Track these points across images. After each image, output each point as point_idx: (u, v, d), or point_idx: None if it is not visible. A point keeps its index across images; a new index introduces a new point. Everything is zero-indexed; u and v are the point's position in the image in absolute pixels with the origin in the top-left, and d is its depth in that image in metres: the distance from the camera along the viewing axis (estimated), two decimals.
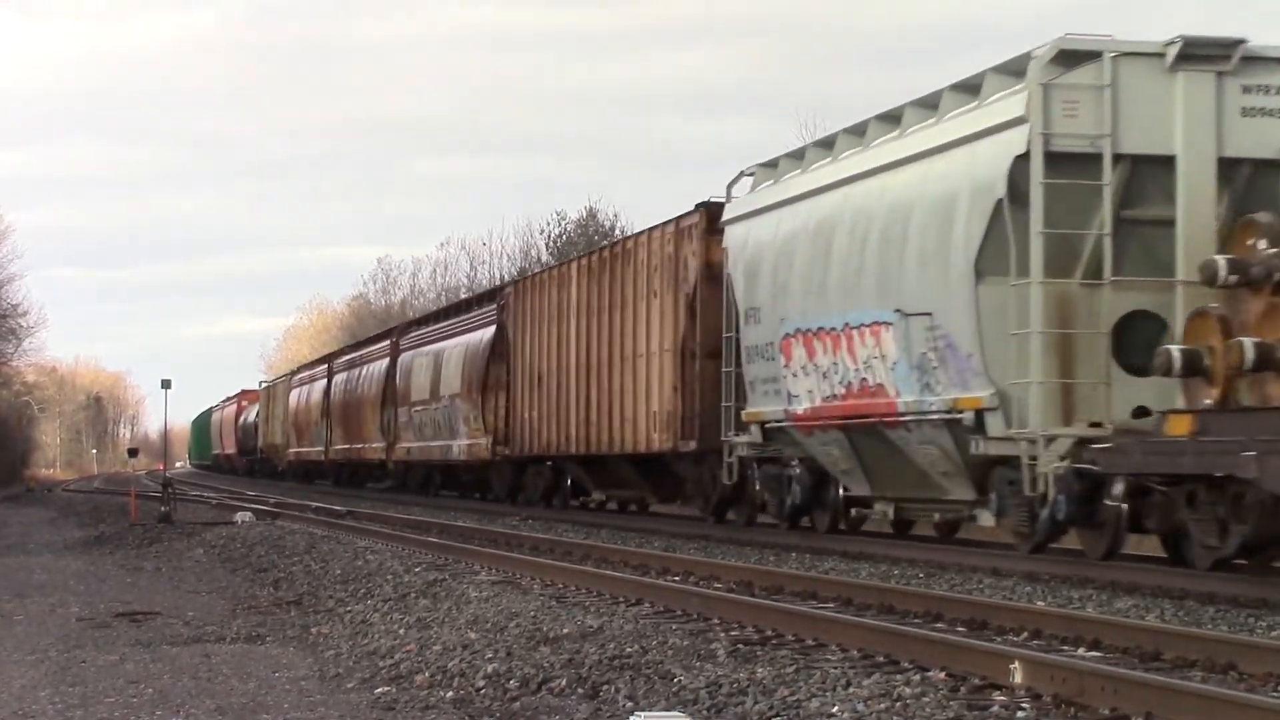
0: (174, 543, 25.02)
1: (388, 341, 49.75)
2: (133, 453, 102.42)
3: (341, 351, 62.25)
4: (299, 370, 72.27)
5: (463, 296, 61.68)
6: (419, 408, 43.23)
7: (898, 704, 8.29)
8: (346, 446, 54.28)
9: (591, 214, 72.62)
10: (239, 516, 30.94)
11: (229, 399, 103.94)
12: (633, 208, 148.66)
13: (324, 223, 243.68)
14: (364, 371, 52.07)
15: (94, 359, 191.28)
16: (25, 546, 25.68)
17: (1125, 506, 15.89)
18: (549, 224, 74.68)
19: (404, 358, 46.25)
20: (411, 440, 44.46)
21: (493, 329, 36.91)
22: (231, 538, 24.79)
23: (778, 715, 8.23)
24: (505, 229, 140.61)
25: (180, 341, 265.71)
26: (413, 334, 47.61)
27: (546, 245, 73.15)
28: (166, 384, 52.69)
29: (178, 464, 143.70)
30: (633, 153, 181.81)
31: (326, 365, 60.82)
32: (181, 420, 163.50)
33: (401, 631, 12.17)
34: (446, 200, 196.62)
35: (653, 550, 20.04)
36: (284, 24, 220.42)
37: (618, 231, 65.87)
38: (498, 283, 59.56)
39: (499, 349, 36.03)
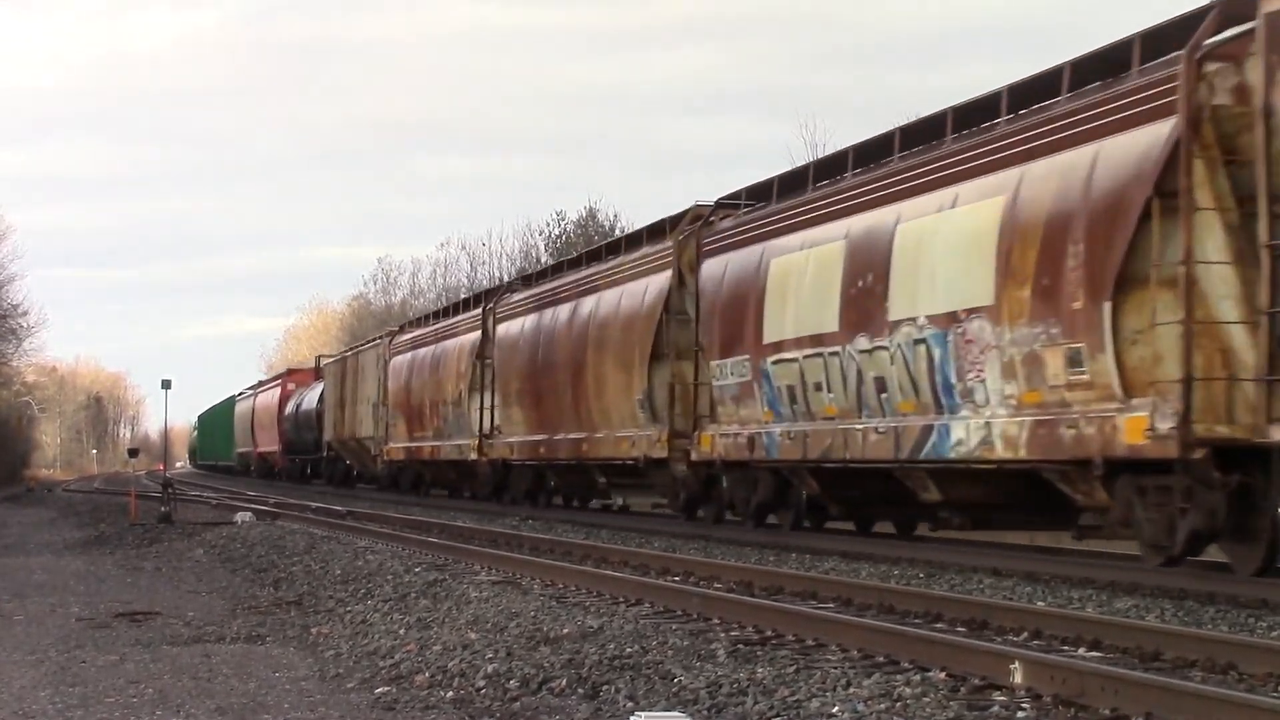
0: (174, 543, 25.03)
1: (664, 246, 27.61)
2: (133, 453, 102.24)
3: (511, 285, 40.71)
4: (405, 328, 50.06)
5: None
6: (796, 355, 22.19)
7: (898, 704, 8.29)
8: (539, 439, 33.21)
9: (591, 214, 72.69)
10: (239, 516, 30.94)
11: (264, 383, 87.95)
12: (633, 208, 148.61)
13: (324, 223, 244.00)
14: (587, 308, 30.84)
15: (94, 359, 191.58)
16: (25, 546, 25.68)
17: None
18: (549, 224, 74.74)
19: (720, 267, 25.00)
20: (759, 420, 23.47)
21: (1161, 147, 15.35)
22: (231, 538, 24.79)
23: (778, 715, 8.22)
24: (505, 229, 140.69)
25: (180, 341, 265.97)
26: (734, 226, 25.32)
27: (546, 245, 73.18)
28: (166, 384, 52.80)
29: (178, 464, 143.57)
30: (633, 153, 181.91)
31: (481, 310, 39.09)
32: (182, 420, 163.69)
33: (401, 631, 12.17)
34: (446, 200, 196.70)
35: (653, 550, 20.04)
36: (284, 23, 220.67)
37: (618, 231, 65.60)
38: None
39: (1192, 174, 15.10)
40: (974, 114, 19.51)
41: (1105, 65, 17.09)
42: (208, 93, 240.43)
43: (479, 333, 38.59)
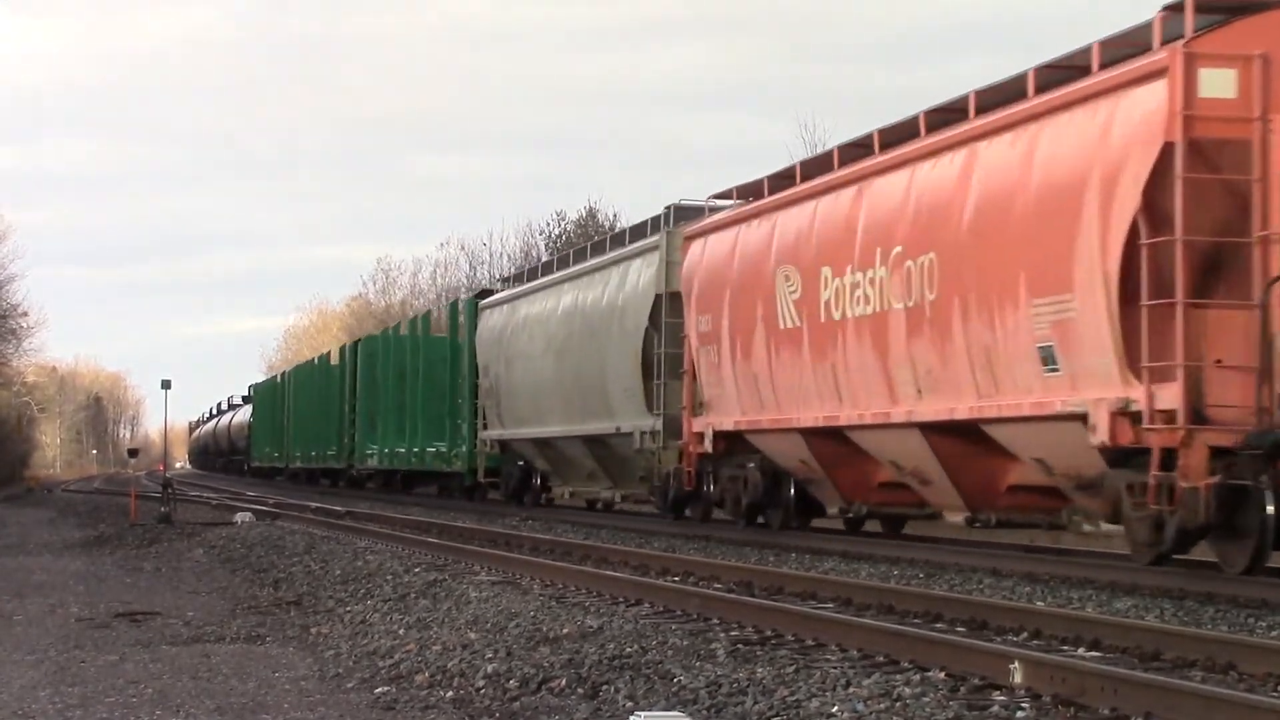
0: (174, 543, 25.02)
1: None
2: (133, 453, 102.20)
3: None
4: None
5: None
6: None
7: (897, 704, 8.29)
8: None
9: (591, 214, 72.65)
10: (239, 517, 30.93)
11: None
12: (633, 207, 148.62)
13: (324, 223, 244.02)
14: None
15: (94, 359, 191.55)
16: (25, 546, 25.67)
17: None
18: (549, 224, 74.69)
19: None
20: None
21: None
22: (231, 538, 24.78)
23: (777, 715, 8.22)
24: (505, 229, 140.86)
25: (180, 341, 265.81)
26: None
27: (546, 245, 73.15)
28: (166, 384, 52.59)
29: (177, 464, 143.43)
30: (633, 151, 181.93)
31: None
32: (180, 420, 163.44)
33: (401, 631, 12.17)
34: (446, 200, 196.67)
35: (653, 550, 20.04)
36: (283, 21, 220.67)
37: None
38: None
39: None
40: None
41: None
42: (207, 91, 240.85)
43: None
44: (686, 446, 25.61)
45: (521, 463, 36.14)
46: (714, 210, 25.85)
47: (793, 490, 23.59)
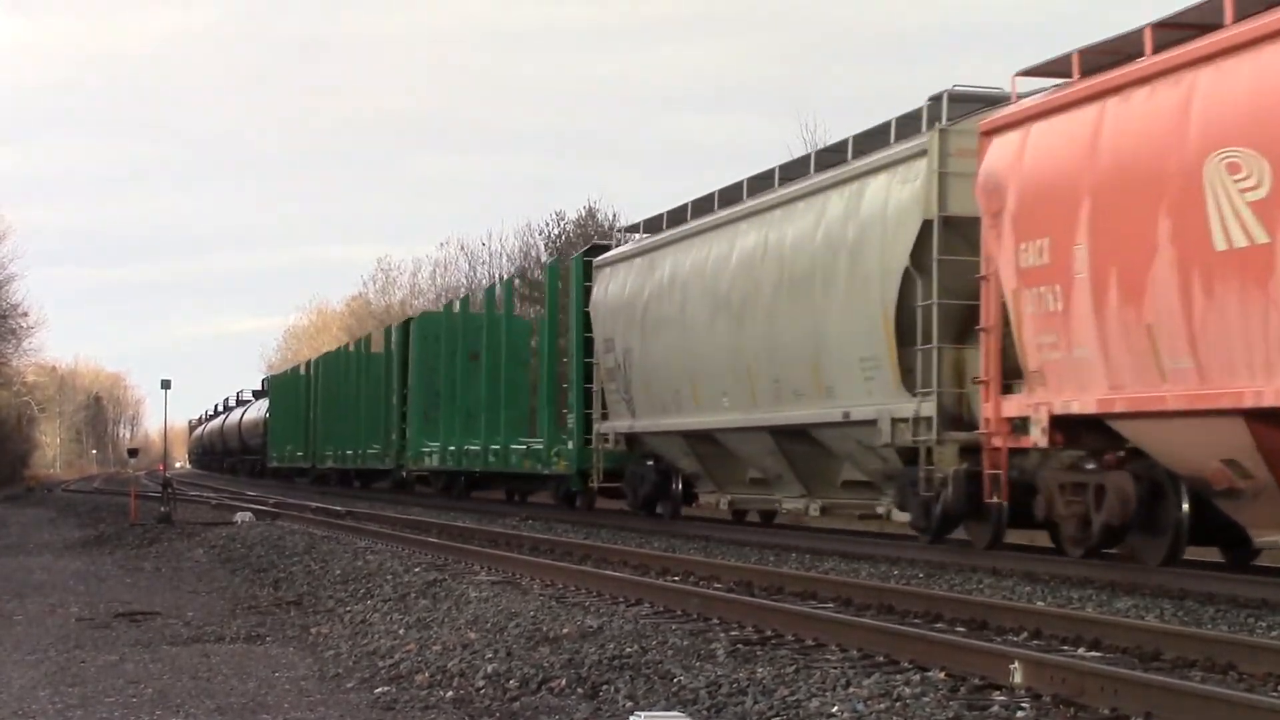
0: (174, 543, 25.01)
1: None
2: (133, 453, 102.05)
3: None
4: None
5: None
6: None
7: (897, 704, 8.29)
8: None
9: (591, 214, 72.63)
10: (239, 517, 30.93)
11: None
12: (632, 207, 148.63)
13: (324, 223, 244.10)
14: None
15: (94, 359, 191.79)
16: (25, 546, 25.67)
17: None
18: (549, 224, 74.67)
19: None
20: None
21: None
22: (231, 538, 24.78)
23: (777, 715, 8.22)
24: (505, 229, 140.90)
25: (180, 341, 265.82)
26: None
27: (546, 245, 73.15)
28: (166, 384, 52.60)
29: (176, 464, 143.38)
30: (633, 151, 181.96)
31: None
32: (180, 420, 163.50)
33: (401, 631, 12.17)
34: (446, 200, 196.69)
35: (652, 550, 20.04)
36: (283, 21, 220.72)
37: (615, 233, 65.43)
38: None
39: None
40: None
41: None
42: (207, 91, 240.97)
43: None
44: (989, 440, 17.81)
45: (652, 462, 28.37)
46: (1024, 95, 17.94)
47: (1185, 506, 16.12)
